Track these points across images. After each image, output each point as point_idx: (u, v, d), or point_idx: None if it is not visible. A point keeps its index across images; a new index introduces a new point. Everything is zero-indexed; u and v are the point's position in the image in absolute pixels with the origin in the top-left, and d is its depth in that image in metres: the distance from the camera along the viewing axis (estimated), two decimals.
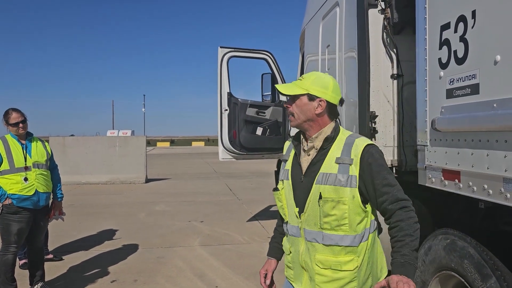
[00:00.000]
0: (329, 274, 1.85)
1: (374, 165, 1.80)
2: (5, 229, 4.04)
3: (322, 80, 1.92)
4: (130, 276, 4.92)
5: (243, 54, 7.04)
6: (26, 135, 4.22)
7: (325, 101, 1.89)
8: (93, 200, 10.92)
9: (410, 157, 3.78)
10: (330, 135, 1.90)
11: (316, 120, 1.91)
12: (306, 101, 1.89)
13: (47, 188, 4.23)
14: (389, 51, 3.83)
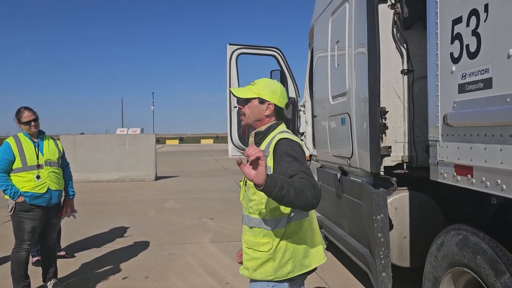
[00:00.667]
0: (250, 253, 2.13)
1: (281, 154, 2.01)
2: (18, 226, 4.09)
3: (271, 86, 2.21)
4: (141, 273, 4.96)
5: (251, 51, 7.02)
6: (38, 134, 4.26)
7: (273, 104, 2.20)
8: (103, 198, 11.01)
9: (421, 152, 3.76)
10: (261, 131, 2.20)
11: (263, 120, 2.22)
12: (257, 103, 2.20)
13: (59, 185, 4.28)
14: (399, 46, 3.80)
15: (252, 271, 2.12)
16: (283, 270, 2.08)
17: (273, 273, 2.08)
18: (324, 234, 5.30)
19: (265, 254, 2.07)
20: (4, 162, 4.01)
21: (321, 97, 5.36)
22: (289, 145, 2.04)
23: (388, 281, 3.33)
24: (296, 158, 1.99)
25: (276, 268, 2.07)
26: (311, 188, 1.85)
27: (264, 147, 2.13)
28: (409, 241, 3.67)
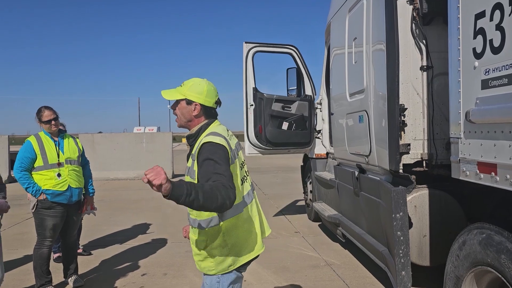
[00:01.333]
0: (194, 249, 2.30)
1: (202, 159, 2.05)
2: (40, 223, 4.16)
3: (197, 87, 2.26)
4: (160, 270, 5.00)
5: (267, 49, 7.01)
6: (58, 132, 4.33)
7: (200, 105, 2.25)
8: (122, 196, 11.14)
9: (441, 150, 3.71)
10: (192, 133, 2.27)
11: (194, 120, 2.28)
12: (185, 105, 2.26)
13: (79, 183, 4.34)
14: (418, 43, 3.76)
15: (198, 265, 2.31)
16: (224, 264, 2.22)
17: (214, 268, 2.23)
18: (341, 232, 5.27)
19: (203, 251, 2.23)
20: (26, 160, 4.09)
21: (338, 94, 5.33)
22: (209, 150, 2.06)
23: (407, 280, 3.30)
24: (214, 161, 2.00)
25: (216, 263, 2.22)
26: (222, 189, 1.85)
27: (195, 148, 2.17)
28: (429, 240, 3.62)
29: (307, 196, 7.74)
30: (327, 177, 6.21)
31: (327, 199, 6.29)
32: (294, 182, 12.34)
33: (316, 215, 6.93)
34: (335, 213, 5.66)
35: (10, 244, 6.06)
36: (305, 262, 5.21)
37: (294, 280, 4.57)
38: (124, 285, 4.55)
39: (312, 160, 7.18)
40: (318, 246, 5.90)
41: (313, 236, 6.46)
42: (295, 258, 5.38)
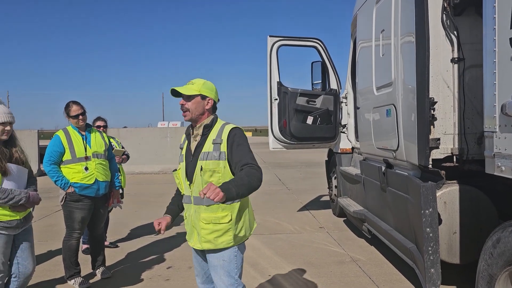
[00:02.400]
0: (211, 227, 2.51)
1: (236, 142, 2.49)
2: (68, 216, 4.25)
3: (209, 84, 2.62)
4: (184, 263, 5.04)
5: (292, 43, 6.95)
6: (85, 127, 4.39)
7: (212, 100, 2.61)
8: (147, 190, 11.29)
9: (472, 144, 3.61)
10: (208, 123, 2.59)
11: (205, 113, 2.60)
12: (199, 100, 2.56)
13: (106, 177, 4.40)
14: (449, 34, 3.65)
15: (214, 242, 2.52)
16: (240, 235, 2.56)
17: (233, 240, 2.53)
18: (367, 228, 5.20)
19: (227, 225, 2.50)
20: (55, 154, 4.17)
21: (364, 88, 5.24)
22: (241, 135, 2.52)
23: (437, 278, 3.23)
24: (246, 146, 2.48)
25: (234, 235, 2.53)
26: (256, 175, 2.33)
27: (215, 135, 2.54)
28: (459, 237, 3.54)
29: (331, 191, 7.67)
30: (352, 172, 6.13)
31: (353, 194, 6.22)
32: (318, 177, 12.26)
33: (341, 210, 6.86)
34: (360, 208, 5.58)
35: (40, 236, 6.21)
36: (330, 257, 5.17)
37: (319, 275, 4.54)
38: (150, 277, 4.61)
39: (337, 155, 7.10)
40: (343, 241, 5.84)
41: (338, 232, 6.40)
42: (320, 253, 5.34)
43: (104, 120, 5.62)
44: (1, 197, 3.04)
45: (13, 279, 3.29)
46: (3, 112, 3.13)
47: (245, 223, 2.61)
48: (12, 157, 3.20)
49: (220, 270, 2.55)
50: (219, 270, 2.55)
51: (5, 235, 3.14)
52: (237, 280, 2.58)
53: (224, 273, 2.55)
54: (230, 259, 2.55)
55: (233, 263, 2.56)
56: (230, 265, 2.55)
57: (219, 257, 2.55)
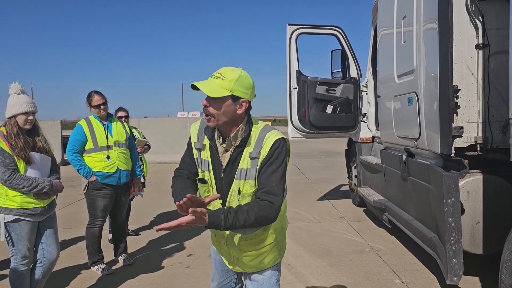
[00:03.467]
0: (254, 253, 2.10)
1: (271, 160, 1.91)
2: (91, 204, 4.34)
3: (244, 80, 1.90)
4: (205, 251, 5.10)
5: (312, 31, 6.87)
6: (107, 116, 4.45)
7: (247, 102, 1.92)
8: (167, 179, 11.37)
9: (497, 133, 3.53)
10: (245, 136, 1.94)
11: (236, 119, 1.92)
12: (230, 102, 1.88)
13: (127, 166, 4.46)
14: (474, 19, 3.55)
15: (260, 266, 2.15)
16: (283, 249, 2.23)
17: (279, 256, 2.19)
18: (387, 218, 5.16)
19: (271, 245, 2.12)
20: (77, 143, 4.25)
21: (385, 76, 5.16)
22: (282, 152, 1.94)
23: (459, 268, 3.18)
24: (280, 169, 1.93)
25: (279, 251, 2.19)
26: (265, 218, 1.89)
27: (252, 147, 1.95)
28: (482, 227, 3.48)
29: (351, 181, 7.61)
30: (373, 161, 6.07)
31: (373, 184, 6.16)
32: (337, 167, 12.18)
33: (361, 200, 6.81)
34: (381, 198, 5.53)
35: (64, 223, 6.36)
36: (350, 247, 5.15)
37: (338, 265, 4.53)
38: (171, 264, 4.67)
39: (357, 144, 7.03)
40: (363, 231, 5.80)
41: (357, 221, 6.36)
42: (339, 242, 5.33)
43: (125, 110, 5.69)
44: (25, 185, 3.11)
45: (38, 264, 3.39)
46: (26, 102, 3.19)
47: (283, 231, 2.25)
48: (36, 146, 3.27)
49: (259, 286, 2.20)
50: (258, 285, 2.20)
51: (30, 222, 3.22)
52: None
53: None
54: (271, 274, 2.20)
55: (274, 278, 2.21)
56: (270, 280, 2.20)
57: (260, 273, 2.19)
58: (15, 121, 3.17)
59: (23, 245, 3.22)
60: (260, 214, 1.87)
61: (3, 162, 3.08)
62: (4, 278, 4.20)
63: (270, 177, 1.91)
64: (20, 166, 3.15)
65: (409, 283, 4.01)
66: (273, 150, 1.91)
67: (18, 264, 3.25)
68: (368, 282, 4.06)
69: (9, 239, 3.20)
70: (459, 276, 3.19)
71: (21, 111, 3.16)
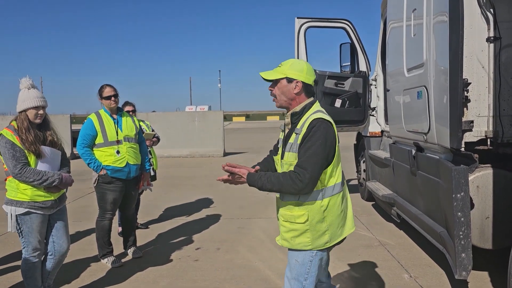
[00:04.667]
0: (288, 225, 2.33)
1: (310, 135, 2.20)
2: (101, 197, 4.38)
3: (297, 65, 2.32)
4: (213, 245, 5.13)
5: (320, 24, 6.84)
6: (117, 110, 4.48)
7: (301, 82, 2.30)
8: (175, 173, 11.48)
9: (507, 127, 3.49)
10: (297, 111, 2.32)
11: (295, 98, 2.32)
12: (285, 83, 2.31)
13: (136, 160, 4.49)
14: (485, 12, 3.50)
15: (291, 242, 2.32)
16: (321, 240, 2.28)
17: (311, 243, 2.28)
18: (396, 212, 5.14)
19: (302, 225, 2.26)
20: (88, 137, 4.28)
21: (394, 70, 5.12)
22: (319, 130, 2.19)
23: (468, 263, 3.16)
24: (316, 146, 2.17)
25: (313, 239, 2.27)
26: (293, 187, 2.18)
27: (300, 125, 2.28)
28: (492, 222, 3.45)
29: (360, 175, 7.59)
30: (381, 155, 6.04)
31: (381, 178, 6.14)
32: (345, 161, 12.09)
33: (370, 194, 6.80)
34: (389, 192, 5.51)
35: (74, 216, 6.42)
36: (359, 241, 5.15)
37: (347, 259, 4.53)
38: (179, 257, 4.71)
39: (366, 138, 7.00)
40: (372, 225, 5.79)
41: (366, 216, 6.35)
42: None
43: (132, 104, 5.70)
44: (36, 179, 3.15)
45: (49, 257, 3.43)
46: (36, 97, 3.22)
47: (330, 228, 2.31)
48: (46, 140, 3.30)
49: (291, 270, 2.36)
50: (290, 268, 2.37)
51: (41, 214, 3.26)
52: (304, 286, 2.34)
53: (293, 274, 2.36)
54: (303, 261, 2.32)
55: (306, 267, 2.32)
56: (301, 268, 2.32)
57: (293, 255, 2.35)
58: (25, 115, 3.21)
59: (34, 237, 3.27)
60: (286, 182, 2.18)
61: (14, 156, 3.11)
62: (16, 270, 4.27)
63: (305, 152, 2.18)
64: (31, 160, 3.19)
65: (418, 278, 4.00)
66: (310, 128, 2.20)
67: (29, 256, 3.30)
68: (377, 277, 4.06)
69: (20, 232, 3.25)
70: (468, 271, 3.17)
71: (31, 105, 3.19)
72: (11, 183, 3.22)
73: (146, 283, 4.03)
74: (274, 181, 2.22)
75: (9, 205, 3.21)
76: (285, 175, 2.21)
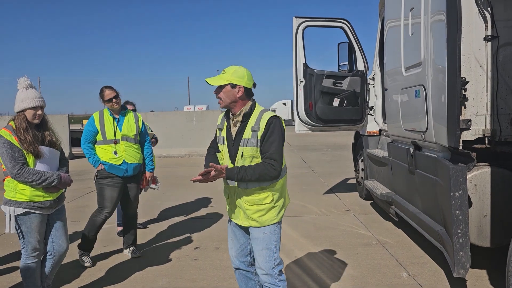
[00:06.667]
0: (255, 208, 2.71)
1: (271, 131, 2.61)
2: (100, 193, 4.44)
3: (238, 72, 2.68)
4: (212, 244, 5.13)
5: (318, 23, 6.84)
6: (120, 109, 4.53)
7: (243, 87, 2.66)
8: (174, 172, 11.49)
9: (505, 126, 3.50)
10: (247, 111, 2.69)
11: (238, 101, 2.69)
12: (229, 88, 2.66)
13: (135, 159, 4.50)
14: (483, 11, 3.51)
15: (259, 220, 2.72)
16: (281, 213, 2.79)
17: (275, 217, 2.75)
18: (394, 211, 5.15)
19: (268, 205, 2.70)
20: (89, 133, 4.41)
21: (392, 69, 5.13)
22: (278, 126, 2.62)
23: (466, 261, 3.18)
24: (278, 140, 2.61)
25: (277, 213, 2.75)
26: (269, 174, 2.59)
27: (254, 123, 2.65)
28: (490, 220, 3.47)
29: (358, 174, 7.61)
30: (379, 154, 6.05)
31: (380, 177, 6.15)
32: (344, 160, 12.17)
33: (368, 193, 6.81)
34: (388, 191, 5.53)
35: (73, 216, 6.42)
36: (357, 240, 5.16)
37: (345, 257, 4.54)
38: (178, 257, 4.71)
39: (364, 137, 7.01)
40: (370, 224, 5.81)
41: (364, 214, 6.37)
42: (346, 236, 5.34)
43: (132, 104, 5.72)
44: (35, 179, 3.15)
45: (49, 256, 3.43)
46: (34, 97, 3.22)
47: (284, 203, 2.83)
48: (45, 140, 3.30)
49: (261, 243, 2.75)
50: (259, 242, 2.76)
51: (40, 214, 3.26)
52: (275, 253, 2.77)
53: (264, 245, 2.75)
54: (270, 232, 2.75)
55: (273, 237, 2.76)
56: (270, 238, 2.75)
57: (260, 230, 2.75)
58: (24, 115, 3.20)
59: (33, 237, 3.26)
60: (263, 172, 2.57)
61: (13, 156, 3.11)
62: (15, 270, 4.27)
63: (270, 145, 2.60)
64: (30, 160, 3.18)
65: (416, 276, 4.02)
66: (268, 125, 2.61)
67: (28, 256, 3.29)
68: (375, 275, 4.07)
69: (20, 232, 3.24)
70: (466, 269, 3.19)
71: (29, 105, 3.19)
72: (9, 184, 3.22)
73: (145, 282, 4.04)
74: (251, 172, 2.57)
75: (8, 206, 3.20)
76: (259, 166, 2.58)
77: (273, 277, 2.76)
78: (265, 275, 2.76)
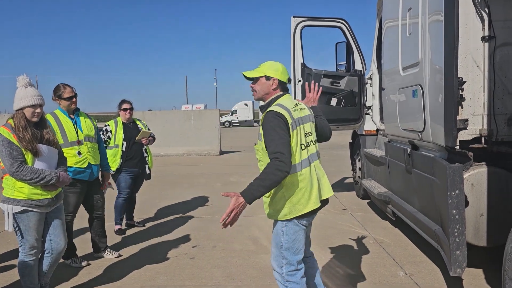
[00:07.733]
0: (268, 200, 2.73)
1: (264, 128, 2.61)
2: (64, 199, 4.00)
3: (274, 65, 2.77)
4: (209, 243, 5.14)
5: (316, 23, 6.86)
6: (74, 110, 4.30)
7: (277, 80, 2.74)
8: (172, 171, 11.48)
9: (502, 126, 3.53)
10: (263, 104, 2.77)
11: (271, 93, 2.77)
12: (264, 80, 2.75)
13: (96, 160, 4.37)
14: (480, 11, 3.53)
15: (275, 214, 2.72)
16: (282, 212, 2.67)
17: (273, 214, 2.72)
18: (391, 210, 5.17)
19: (267, 199, 2.72)
20: None
21: (390, 68, 5.15)
22: (268, 119, 2.58)
23: (462, 260, 3.20)
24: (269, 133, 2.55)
25: (274, 210, 2.70)
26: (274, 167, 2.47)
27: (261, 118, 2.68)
28: (487, 219, 3.49)
29: (355, 174, 7.63)
30: (377, 154, 6.08)
31: (377, 176, 6.18)
32: (341, 159, 12.19)
33: (365, 192, 6.83)
34: (385, 190, 5.55)
35: None
36: (354, 239, 5.17)
37: (342, 256, 4.56)
38: (176, 255, 4.72)
39: (362, 137, 7.03)
40: (367, 223, 5.83)
41: (361, 214, 6.38)
42: (343, 235, 5.35)
43: (129, 102, 5.66)
44: (33, 177, 3.15)
45: (46, 254, 3.44)
46: (33, 95, 3.22)
47: (292, 202, 2.66)
48: (43, 138, 3.30)
49: (273, 237, 2.80)
50: (273, 236, 2.82)
51: (38, 213, 3.26)
52: (282, 254, 2.72)
53: (272, 242, 2.81)
54: (277, 231, 2.75)
55: (279, 237, 2.73)
56: (276, 237, 2.75)
57: (273, 225, 2.81)
58: (22, 113, 3.20)
59: (31, 235, 3.27)
60: (272, 169, 2.47)
61: (11, 154, 3.11)
62: (13, 268, 4.27)
63: (267, 142, 2.57)
64: (28, 158, 3.19)
65: (413, 275, 4.04)
66: (262, 121, 2.64)
67: (26, 254, 3.30)
68: (372, 274, 4.09)
69: (18, 230, 3.25)
70: (462, 268, 3.21)
71: (28, 103, 3.19)
72: (7, 181, 3.22)
73: (142, 281, 4.04)
74: (262, 176, 2.50)
75: (6, 203, 3.20)
76: (264, 169, 2.51)
77: (282, 276, 2.75)
78: (275, 272, 2.80)
